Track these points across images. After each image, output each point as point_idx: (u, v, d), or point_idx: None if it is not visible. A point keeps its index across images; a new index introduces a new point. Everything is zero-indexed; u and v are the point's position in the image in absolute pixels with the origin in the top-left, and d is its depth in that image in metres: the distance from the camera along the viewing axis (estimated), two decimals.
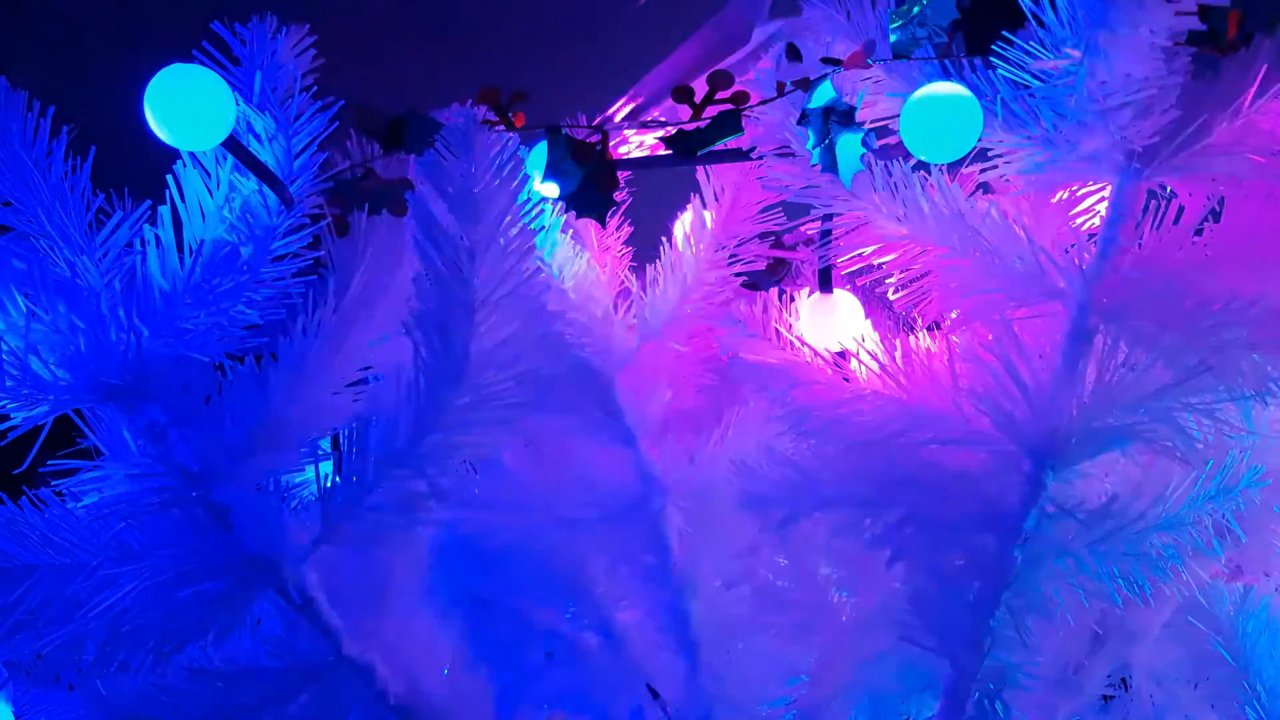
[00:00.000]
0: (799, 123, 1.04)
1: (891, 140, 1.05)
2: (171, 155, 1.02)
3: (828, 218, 1.11)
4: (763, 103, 1.07)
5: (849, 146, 1.02)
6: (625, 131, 1.19)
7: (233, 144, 1.01)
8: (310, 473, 1.07)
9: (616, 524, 1.23)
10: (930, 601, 1.14)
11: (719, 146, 1.09)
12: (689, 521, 1.22)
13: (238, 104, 1.00)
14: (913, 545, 1.13)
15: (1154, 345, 1.02)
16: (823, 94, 1.03)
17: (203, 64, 1.00)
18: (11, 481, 1.02)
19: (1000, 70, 1.00)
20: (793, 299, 1.20)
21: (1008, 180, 1.07)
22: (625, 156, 1.19)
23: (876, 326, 1.22)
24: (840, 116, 1.02)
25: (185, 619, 1.01)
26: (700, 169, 1.20)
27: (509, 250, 0.98)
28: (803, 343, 1.18)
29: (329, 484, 1.03)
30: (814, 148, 1.03)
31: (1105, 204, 1.06)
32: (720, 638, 1.24)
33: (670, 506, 1.22)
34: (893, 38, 1.03)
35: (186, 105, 0.98)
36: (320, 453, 1.06)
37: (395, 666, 1.09)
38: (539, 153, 1.09)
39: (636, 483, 1.23)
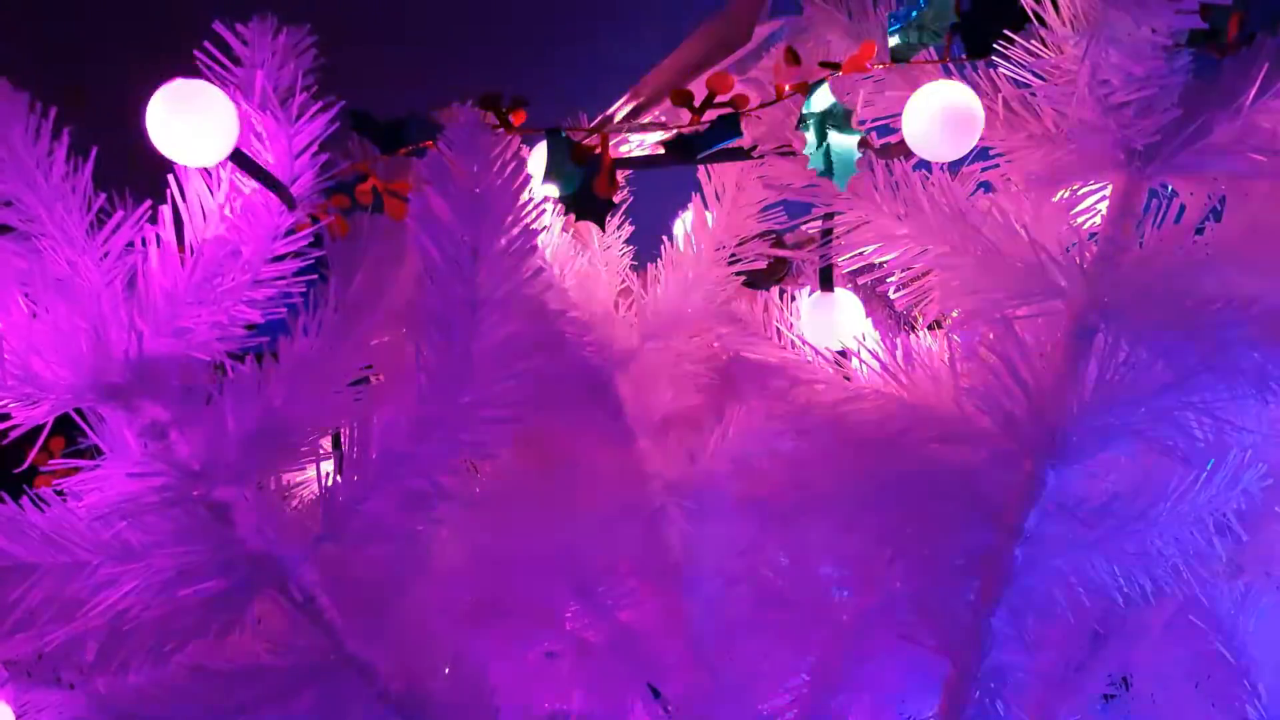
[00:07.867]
0: (797, 126, 1.04)
1: (892, 139, 1.05)
2: None
3: (829, 217, 1.11)
4: (762, 105, 1.08)
5: (844, 150, 1.02)
6: (625, 131, 1.18)
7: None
8: (311, 472, 1.08)
9: (616, 524, 1.23)
10: (930, 601, 1.14)
11: (719, 146, 1.09)
12: (689, 521, 1.22)
13: (238, 104, 1.00)
14: (913, 545, 1.13)
15: (1155, 344, 1.03)
16: (820, 97, 1.03)
17: (203, 63, 1.00)
18: (12, 481, 1.02)
19: (1001, 69, 1.00)
20: (793, 298, 1.20)
21: (1008, 179, 1.07)
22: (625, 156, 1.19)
23: (877, 325, 1.22)
24: (837, 120, 1.02)
25: (185, 618, 1.01)
26: (701, 168, 1.20)
27: (511, 250, 0.98)
28: (803, 342, 1.18)
29: (330, 483, 1.03)
30: (813, 150, 1.03)
31: (1106, 203, 1.06)
32: (720, 638, 1.24)
33: (670, 506, 1.22)
34: (892, 38, 1.03)
35: (188, 125, 0.97)
36: (321, 451, 1.06)
37: (395, 666, 1.09)
38: (539, 154, 1.09)
39: (636, 482, 1.23)
